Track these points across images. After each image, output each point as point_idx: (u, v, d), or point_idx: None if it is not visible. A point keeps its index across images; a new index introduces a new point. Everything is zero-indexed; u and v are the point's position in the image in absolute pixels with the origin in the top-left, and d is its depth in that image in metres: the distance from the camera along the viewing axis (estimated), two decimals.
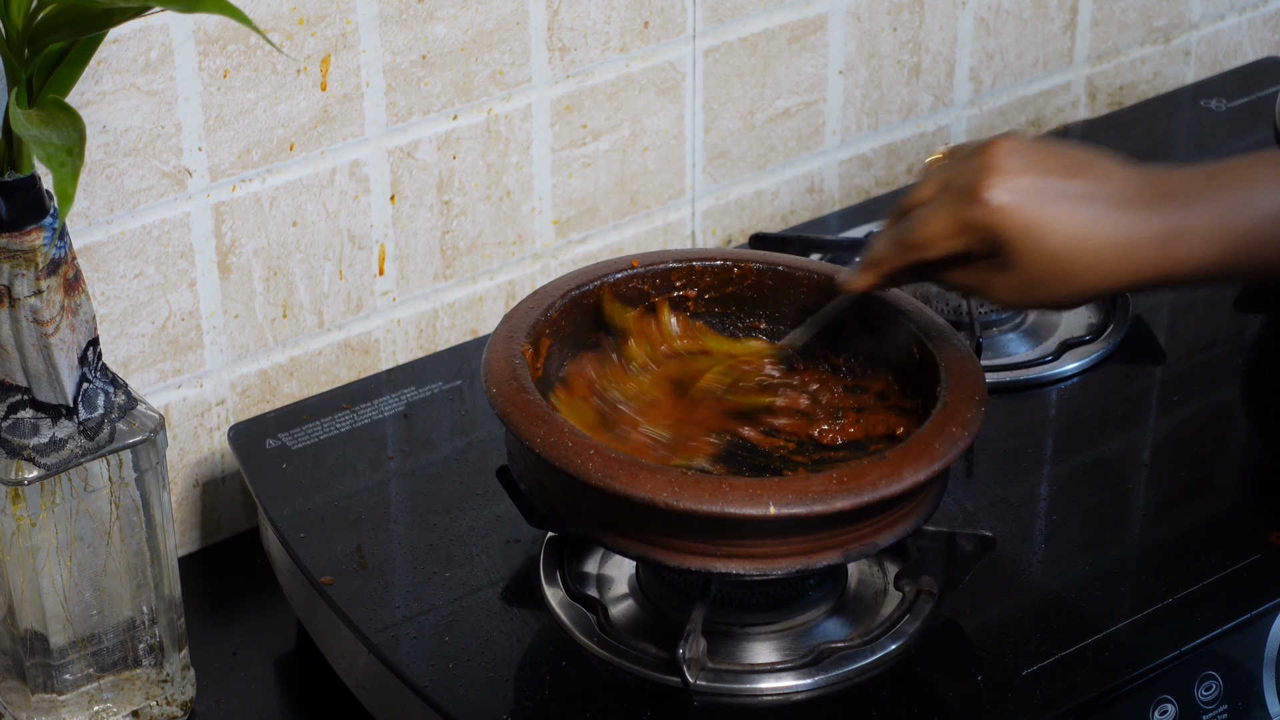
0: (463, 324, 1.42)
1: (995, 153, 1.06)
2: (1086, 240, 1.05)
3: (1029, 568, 1.18)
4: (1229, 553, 1.17)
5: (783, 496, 1.02)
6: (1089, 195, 1.05)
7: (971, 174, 1.06)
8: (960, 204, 1.06)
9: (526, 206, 1.41)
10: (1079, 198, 1.05)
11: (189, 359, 1.29)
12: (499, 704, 1.08)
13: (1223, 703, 1.13)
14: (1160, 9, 1.71)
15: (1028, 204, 1.05)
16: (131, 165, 1.22)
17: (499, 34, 1.34)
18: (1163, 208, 1.06)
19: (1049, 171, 1.06)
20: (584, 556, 1.18)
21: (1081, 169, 1.07)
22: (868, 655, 1.10)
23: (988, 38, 1.61)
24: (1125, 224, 1.05)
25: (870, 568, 1.17)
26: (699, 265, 1.22)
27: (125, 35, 1.18)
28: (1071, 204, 1.05)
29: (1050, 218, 1.05)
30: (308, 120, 1.28)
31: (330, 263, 1.33)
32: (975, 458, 1.26)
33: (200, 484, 1.33)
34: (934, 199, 1.08)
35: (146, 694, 1.16)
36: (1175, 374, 1.36)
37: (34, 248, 1.03)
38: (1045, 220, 1.05)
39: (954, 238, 1.07)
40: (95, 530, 1.10)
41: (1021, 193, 1.05)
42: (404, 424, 1.30)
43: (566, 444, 1.05)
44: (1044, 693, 1.08)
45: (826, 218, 1.55)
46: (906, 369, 1.16)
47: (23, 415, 1.06)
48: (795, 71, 1.51)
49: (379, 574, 1.17)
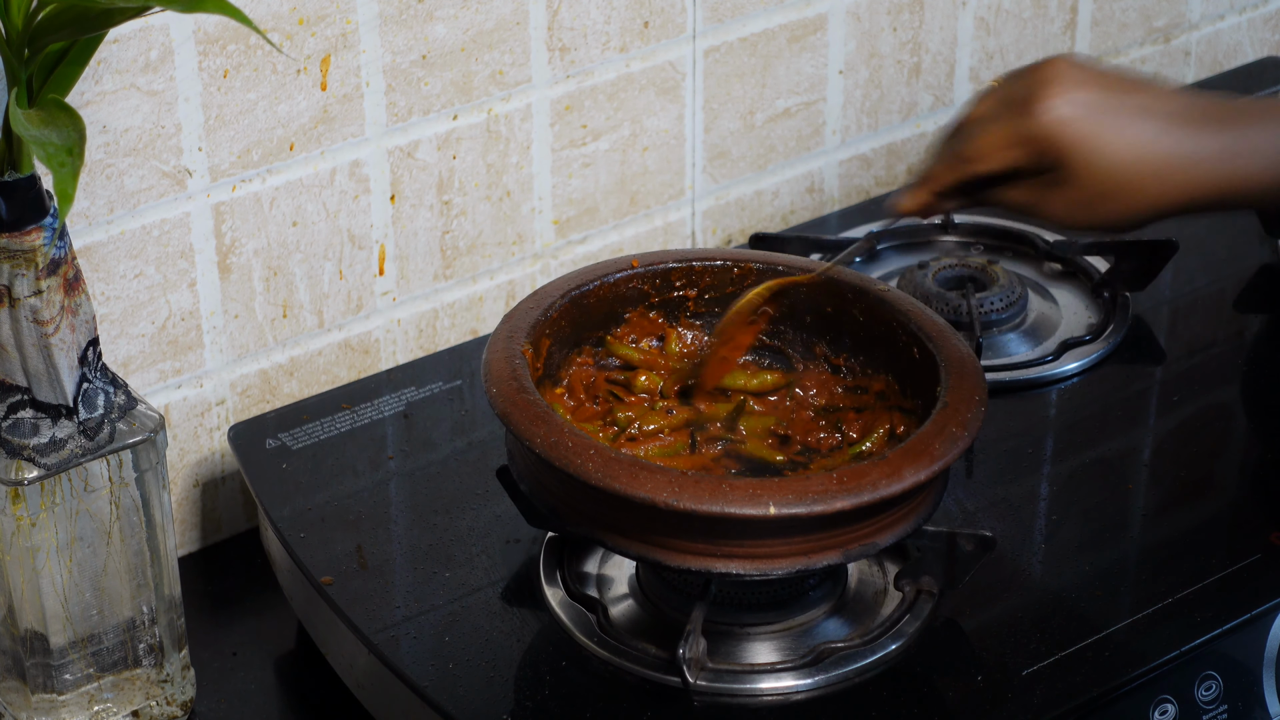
0: (463, 324, 1.42)
1: (1053, 68, 1.05)
2: (1146, 154, 1.04)
3: (1029, 568, 1.18)
4: (1229, 553, 1.17)
5: (783, 496, 1.02)
6: (1149, 111, 1.05)
7: (1029, 87, 1.05)
8: (1018, 116, 1.05)
9: (526, 206, 1.41)
10: (1139, 112, 1.04)
11: (189, 359, 1.30)
12: (499, 704, 1.08)
13: (1223, 703, 1.13)
14: (1160, 9, 1.71)
15: (1087, 116, 1.04)
16: (131, 165, 1.22)
17: (499, 34, 1.34)
18: (1222, 127, 1.05)
19: (1108, 87, 1.05)
20: (584, 556, 1.18)
21: (1140, 87, 1.06)
22: (868, 655, 1.10)
23: (988, 38, 1.61)
24: (1185, 140, 1.04)
25: (870, 568, 1.17)
26: (699, 265, 1.22)
27: (125, 35, 1.18)
28: (1131, 118, 1.04)
29: (1110, 130, 1.04)
30: (308, 120, 1.28)
31: (330, 263, 1.33)
32: (975, 458, 1.26)
33: (200, 484, 1.33)
34: (992, 113, 1.07)
35: (146, 694, 1.16)
36: (1175, 374, 1.36)
37: (34, 248, 1.03)
38: (1104, 133, 1.04)
39: (1011, 149, 1.05)
40: (95, 530, 1.10)
41: (1081, 105, 1.04)
42: (404, 424, 1.30)
43: (566, 444, 1.05)
44: (1044, 693, 1.08)
45: (826, 218, 1.55)
46: (906, 369, 1.16)
47: (23, 415, 1.06)
48: (795, 71, 1.51)
49: (379, 574, 1.17)
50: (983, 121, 1.07)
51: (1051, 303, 1.42)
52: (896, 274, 1.44)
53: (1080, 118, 1.04)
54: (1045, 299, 1.42)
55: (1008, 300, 1.38)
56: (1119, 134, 1.04)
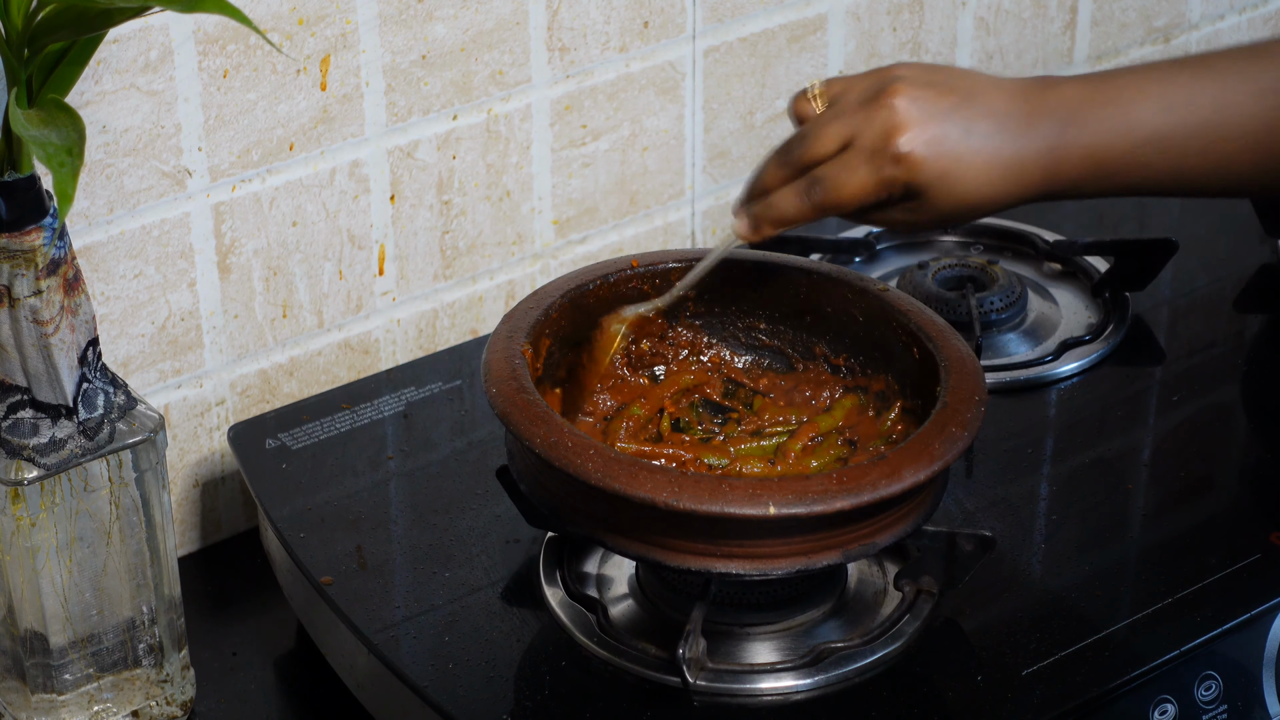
0: (463, 324, 1.42)
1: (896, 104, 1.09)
2: (986, 168, 1.09)
3: (1029, 568, 1.18)
4: (1229, 553, 1.17)
5: (783, 496, 1.02)
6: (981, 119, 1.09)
7: (880, 129, 1.09)
8: (877, 161, 1.09)
9: (526, 206, 1.41)
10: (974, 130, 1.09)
11: (189, 359, 1.29)
12: (499, 704, 1.08)
13: (1223, 703, 1.13)
14: (1160, 9, 1.71)
15: (941, 152, 1.09)
16: (131, 165, 1.22)
17: (499, 34, 1.34)
18: (1044, 126, 1.10)
19: (948, 111, 1.09)
20: (584, 556, 1.18)
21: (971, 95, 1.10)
22: (868, 655, 1.10)
23: (988, 38, 1.61)
24: (1012, 143, 1.09)
25: (870, 568, 1.17)
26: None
27: (125, 35, 1.18)
28: (971, 138, 1.09)
29: (959, 158, 1.09)
30: (308, 120, 1.28)
31: (330, 263, 1.33)
32: (975, 458, 1.26)
33: (200, 484, 1.33)
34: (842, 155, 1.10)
35: (146, 694, 1.16)
36: (1175, 374, 1.36)
37: (34, 248, 1.03)
38: (956, 161, 1.09)
39: (874, 192, 1.09)
40: (95, 530, 1.10)
41: (933, 143, 1.08)
42: (404, 424, 1.30)
43: (566, 444, 1.04)
44: (1044, 693, 1.08)
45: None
46: (906, 369, 1.16)
47: (23, 415, 1.06)
48: (795, 71, 1.51)
49: (379, 574, 1.17)
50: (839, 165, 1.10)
51: (1051, 303, 1.42)
52: (896, 274, 1.44)
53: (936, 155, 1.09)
54: (1045, 299, 1.42)
55: (1008, 300, 1.38)
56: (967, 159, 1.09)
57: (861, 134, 1.09)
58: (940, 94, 1.10)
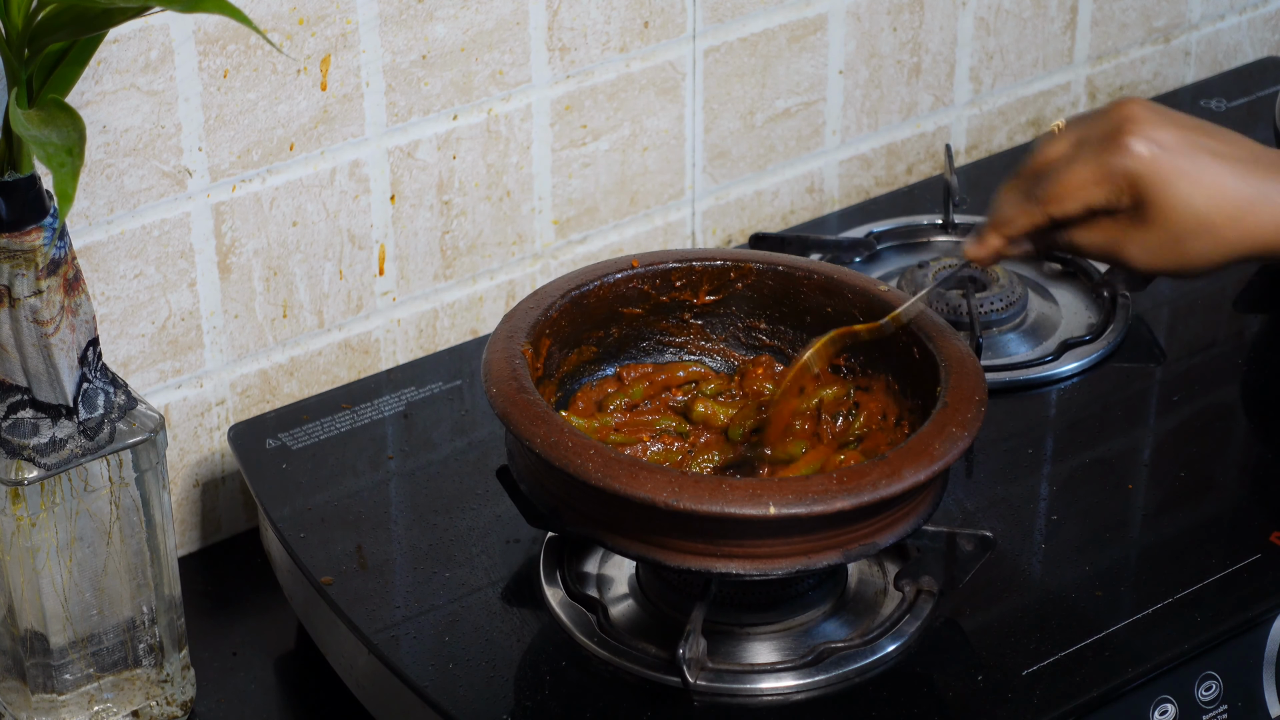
0: (463, 324, 1.42)
1: (1130, 107, 1.05)
2: (1230, 194, 1.03)
3: (1029, 568, 1.18)
4: (1229, 553, 1.17)
5: (783, 496, 1.02)
6: (1223, 155, 1.04)
7: (1110, 125, 1.04)
8: (1103, 152, 1.04)
9: (526, 206, 1.41)
10: (1215, 156, 1.04)
11: (189, 359, 1.30)
12: (499, 704, 1.08)
13: (1223, 703, 1.13)
14: (1160, 9, 1.71)
15: (1174, 153, 1.03)
16: (131, 165, 1.22)
17: (499, 34, 1.34)
18: None
19: (1187, 127, 1.04)
20: (584, 556, 1.18)
21: (1214, 131, 1.05)
22: (868, 655, 1.10)
23: (988, 38, 1.61)
24: (1263, 183, 1.04)
25: (870, 568, 1.17)
26: (699, 265, 1.22)
27: (125, 35, 1.18)
28: (1213, 159, 1.03)
29: (1195, 169, 1.03)
30: (308, 120, 1.28)
31: (330, 263, 1.33)
32: (975, 458, 1.26)
33: (200, 484, 1.33)
34: (1069, 154, 1.06)
35: (146, 694, 1.16)
36: (1175, 374, 1.36)
37: (34, 248, 1.03)
38: (1190, 170, 1.03)
39: (1096, 186, 1.04)
40: (95, 530, 1.10)
41: (1166, 143, 1.03)
42: (404, 424, 1.30)
43: (566, 444, 1.04)
44: (1044, 693, 1.08)
45: (826, 218, 1.55)
46: (906, 369, 1.16)
47: (23, 415, 1.06)
48: (795, 71, 1.51)
49: (379, 574, 1.17)
50: (1059, 163, 1.06)
51: (1051, 303, 1.42)
52: (896, 274, 1.44)
53: (1164, 156, 1.03)
54: (1045, 299, 1.42)
55: (1008, 300, 1.38)
56: (1205, 173, 1.03)
57: (1091, 131, 1.05)
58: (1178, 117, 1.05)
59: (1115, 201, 1.04)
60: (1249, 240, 1.04)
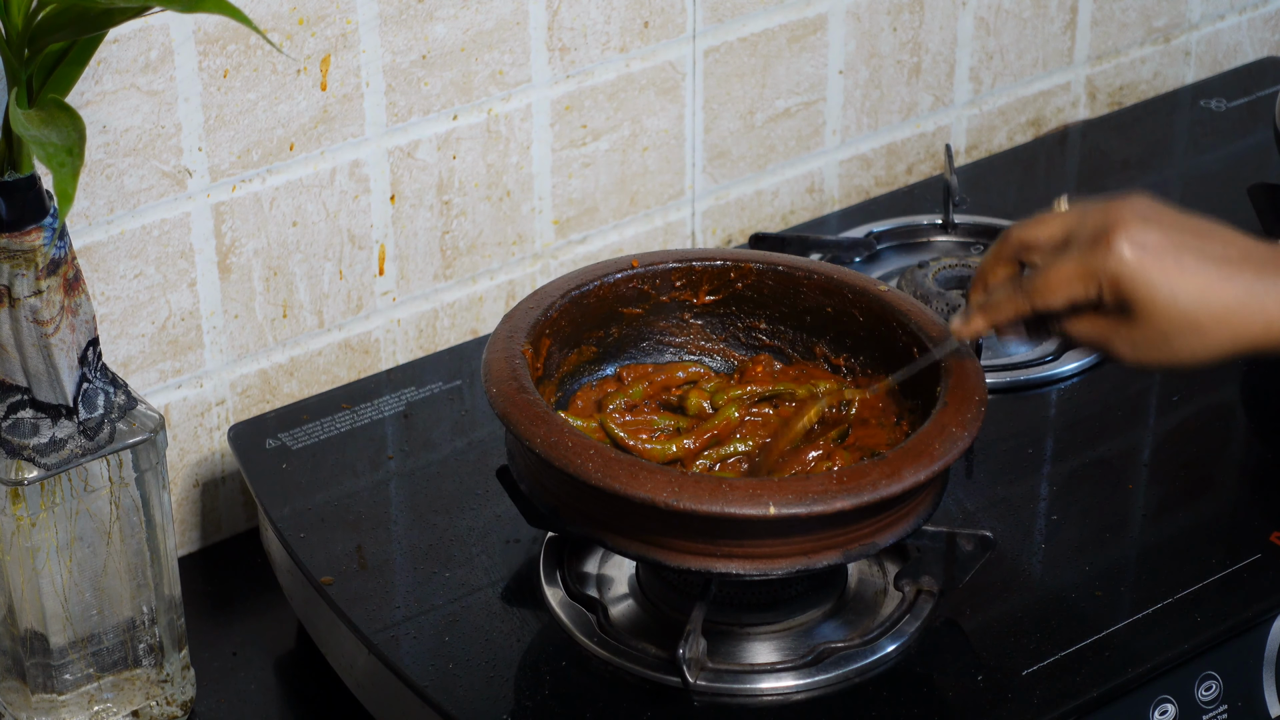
0: (463, 324, 1.42)
1: (1122, 208, 1.06)
2: (1216, 295, 1.04)
3: (1029, 568, 1.18)
4: (1229, 553, 1.17)
5: (783, 496, 1.02)
6: (1216, 255, 1.05)
7: (1099, 224, 1.05)
8: (1089, 251, 1.05)
9: (526, 206, 1.41)
10: (1207, 256, 1.05)
11: (189, 359, 1.30)
12: (499, 704, 1.08)
13: (1223, 703, 1.13)
14: (1160, 9, 1.71)
15: (1159, 256, 1.04)
16: (131, 165, 1.22)
17: (499, 34, 1.34)
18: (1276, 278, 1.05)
19: (1176, 229, 1.05)
20: (584, 556, 1.18)
21: (1207, 231, 1.06)
22: (868, 655, 1.10)
23: (988, 38, 1.61)
24: (1252, 284, 1.05)
25: (870, 568, 1.17)
26: (699, 265, 1.21)
27: (125, 35, 1.18)
28: (1200, 260, 1.04)
29: (1181, 271, 1.04)
30: (308, 120, 1.28)
31: (330, 263, 1.33)
32: (975, 458, 1.26)
33: (200, 484, 1.33)
34: (1059, 246, 1.07)
35: (146, 694, 1.16)
36: (1175, 374, 1.36)
37: (34, 248, 1.03)
38: (1175, 273, 1.04)
39: (1079, 283, 1.05)
40: (95, 530, 1.10)
41: (1151, 245, 1.04)
42: (404, 424, 1.30)
43: (566, 444, 1.04)
44: (1044, 693, 1.08)
45: (826, 218, 1.55)
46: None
47: (23, 415, 1.06)
48: (795, 71, 1.51)
49: (379, 574, 1.17)
50: (1047, 255, 1.07)
51: None
52: (896, 274, 1.44)
53: (1153, 257, 1.04)
54: None
55: None
56: (1190, 275, 1.04)
57: (1081, 227, 1.06)
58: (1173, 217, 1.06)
59: (1099, 299, 1.06)
60: (1238, 340, 1.06)
